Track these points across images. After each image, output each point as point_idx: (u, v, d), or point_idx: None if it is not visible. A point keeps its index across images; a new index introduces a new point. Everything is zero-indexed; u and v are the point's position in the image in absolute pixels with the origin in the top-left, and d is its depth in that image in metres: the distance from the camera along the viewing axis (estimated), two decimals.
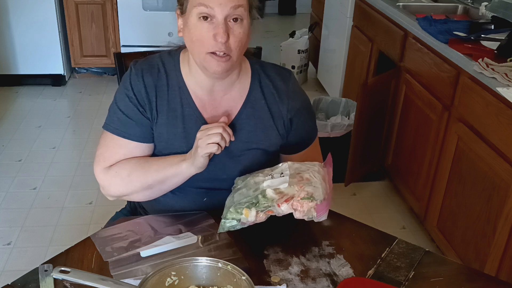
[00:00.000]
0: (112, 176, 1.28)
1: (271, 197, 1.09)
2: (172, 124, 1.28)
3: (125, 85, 1.28)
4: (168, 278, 1.00)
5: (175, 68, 1.30)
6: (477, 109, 2.01)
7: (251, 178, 1.17)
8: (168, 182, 1.26)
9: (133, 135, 1.27)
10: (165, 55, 1.32)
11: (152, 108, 1.27)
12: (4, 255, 2.37)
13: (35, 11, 3.89)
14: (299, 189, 1.09)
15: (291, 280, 1.08)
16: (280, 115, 1.33)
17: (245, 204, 1.10)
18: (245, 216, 1.09)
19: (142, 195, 1.30)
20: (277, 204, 1.07)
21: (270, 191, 1.10)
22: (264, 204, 1.08)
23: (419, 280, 1.10)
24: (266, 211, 1.08)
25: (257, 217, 1.09)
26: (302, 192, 1.08)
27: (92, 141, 3.39)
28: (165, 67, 1.30)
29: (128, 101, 1.27)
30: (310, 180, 1.11)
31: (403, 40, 2.69)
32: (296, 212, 1.08)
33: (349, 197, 2.90)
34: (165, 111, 1.28)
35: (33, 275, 1.06)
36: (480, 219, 2.01)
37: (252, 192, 1.12)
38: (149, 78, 1.27)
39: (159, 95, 1.27)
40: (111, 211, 1.57)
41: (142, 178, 1.25)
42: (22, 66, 4.07)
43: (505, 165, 1.85)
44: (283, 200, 1.07)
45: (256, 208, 1.08)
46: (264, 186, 1.11)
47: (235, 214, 1.10)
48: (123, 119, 1.27)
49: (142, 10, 4.04)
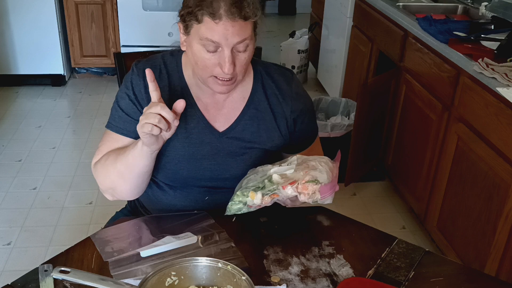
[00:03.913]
0: (96, 167, 1.30)
1: (277, 181, 1.10)
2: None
3: (126, 85, 1.29)
4: (168, 278, 1.00)
5: (177, 69, 1.30)
6: (477, 109, 2.01)
7: (260, 167, 1.18)
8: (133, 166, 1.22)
9: (132, 132, 1.28)
10: (168, 56, 1.32)
11: None
12: (4, 255, 2.37)
13: (35, 11, 3.89)
14: (304, 173, 1.10)
15: (291, 280, 1.08)
16: (283, 115, 1.33)
17: (251, 187, 1.12)
18: (251, 198, 1.10)
19: (124, 187, 1.27)
20: (282, 187, 1.09)
21: (276, 176, 1.11)
22: (270, 188, 1.10)
23: (419, 280, 1.10)
24: (271, 194, 1.10)
25: (263, 200, 1.10)
26: (307, 176, 1.10)
27: (92, 141, 3.39)
28: (167, 68, 1.30)
29: (128, 100, 1.28)
30: (316, 166, 1.13)
31: (403, 40, 2.69)
32: (301, 195, 1.10)
33: (349, 197, 2.90)
34: None
35: (33, 275, 1.06)
36: (480, 219, 2.01)
37: (259, 177, 1.13)
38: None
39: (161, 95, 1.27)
40: (111, 211, 1.57)
41: (115, 165, 1.24)
42: (22, 66, 4.07)
43: (505, 165, 1.85)
44: (288, 183, 1.09)
45: (262, 191, 1.10)
46: (271, 172, 1.13)
47: (241, 197, 1.11)
48: (123, 117, 1.28)
49: (142, 10, 4.04)
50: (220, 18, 1.11)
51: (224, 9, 1.11)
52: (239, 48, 1.16)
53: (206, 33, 1.13)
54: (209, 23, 1.13)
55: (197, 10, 1.13)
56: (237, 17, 1.12)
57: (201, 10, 1.13)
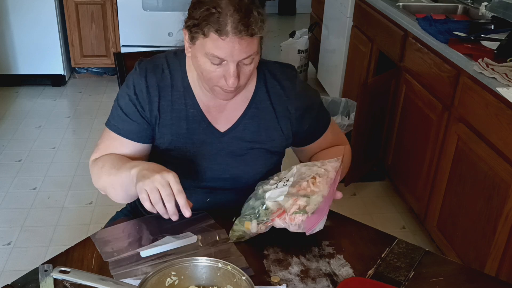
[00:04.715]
0: (93, 166, 1.29)
1: (270, 210, 1.14)
2: (176, 125, 1.28)
3: (128, 84, 1.29)
4: (168, 278, 1.00)
5: (180, 69, 1.29)
6: (477, 109, 2.01)
7: (262, 185, 1.22)
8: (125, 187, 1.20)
9: (129, 133, 1.28)
10: (171, 55, 1.31)
11: (153, 108, 1.27)
12: (4, 255, 2.37)
13: (35, 11, 3.89)
14: (293, 202, 1.12)
15: (291, 280, 1.08)
16: (287, 114, 1.33)
17: (248, 216, 1.16)
18: (247, 228, 1.15)
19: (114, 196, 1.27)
20: (271, 219, 1.13)
21: (269, 203, 1.15)
22: (263, 217, 1.14)
23: (419, 280, 1.10)
24: (265, 223, 1.14)
25: (258, 228, 1.14)
26: (294, 207, 1.12)
27: (92, 141, 3.39)
28: (170, 68, 1.29)
29: (128, 100, 1.28)
30: (306, 190, 1.14)
31: (403, 40, 2.69)
32: (290, 226, 1.13)
33: (349, 197, 2.90)
34: (169, 112, 1.28)
35: (33, 275, 1.06)
36: (480, 219, 2.01)
37: (258, 203, 1.17)
38: (152, 78, 1.27)
39: (162, 95, 1.27)
40: (111, 211, 1.57)
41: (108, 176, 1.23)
42: (22, 66, 4.07)
43: (505, 165, 1.85)
44: (277, 215, 1.12)
45: (257, 220, 1.14)
46: (266, 198, 1.16)
47: (239, 226, 1.17)
48: (122, 116, 1.28)
49: (142, 10, 4.04)
50: (227, 35, 1.10)
51: (231, 26, 1.09)
52: (245, 62, 1.16)
53: (212, 49, 1.12)
54: (215, 39, 1.11)
55: (203, 24, 1.12)
56: (244, 34, 1.10)
57: (207, 25, 1.11)
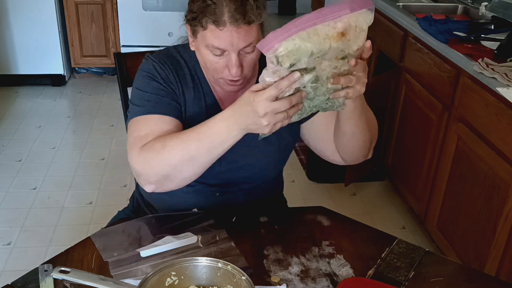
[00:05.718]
0: (147, 153, 1.14)
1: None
2: (197, 113, 1.26)
3: (150, 72, 1.25)
4: (168, 278, 1.00)
5: (192, 59, 1.28)
6: (477, 109, 2.01)
7: None
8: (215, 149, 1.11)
9: (169, 110, 1.21)
10: (181, 47, 1.31)
11: (179, 94, 1.25)
12: (4, 255, 2.37)
13: (35, 11, 3.89)
14: None
15: (291, 280, 1.08)
16: None
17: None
18: None
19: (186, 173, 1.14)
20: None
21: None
22: None
23: (419, 280, 1.10)
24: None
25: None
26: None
27: (92, 141, 3.39)
28: (184, 58, 1.28)
29: (156, 83, 1.23)
30: None
31: (403, 40, 2.69)
32: None
33: (349, 197, 2.90)
34: (191, 99, 1.26)
35: (33, 275, 1.06)
36: (480, 219, 2.01)
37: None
38: (170, 67, 1.25)
39: (183, 82, 1.26)
40: (111, 211, 1.57)
41: (182, 148, 1.12)
42: (22, 66, 4.06)
43: (505, 165, 1.85)
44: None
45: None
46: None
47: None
48: (154, 99, 1.22)
49: (142, 10, 4.04)
50: (224, 24, 1.10)
51: (228, 16, 1.10)
52: (246, 50, 1.15)
53: (212, 40, 1.13)
54: (213, 30, 1.12)
55: (201, 16, 1.13)
56: (241, 23, 1.11)
57: (205, 17, 1.12)
